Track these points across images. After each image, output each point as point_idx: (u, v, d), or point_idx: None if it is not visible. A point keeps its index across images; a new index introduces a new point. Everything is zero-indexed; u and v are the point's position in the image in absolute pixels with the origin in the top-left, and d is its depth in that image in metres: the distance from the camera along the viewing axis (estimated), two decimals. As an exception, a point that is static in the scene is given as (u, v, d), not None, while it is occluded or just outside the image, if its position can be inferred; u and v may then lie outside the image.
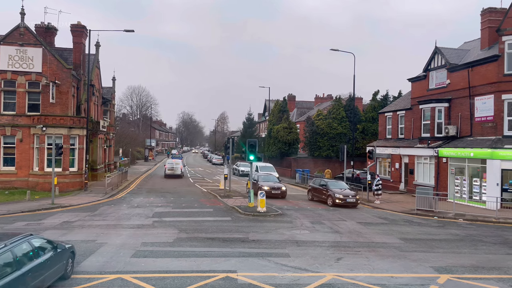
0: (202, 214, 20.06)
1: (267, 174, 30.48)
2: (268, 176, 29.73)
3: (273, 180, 28.95)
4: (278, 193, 26.88)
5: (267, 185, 27.05)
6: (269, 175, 30.37)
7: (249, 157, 21.65)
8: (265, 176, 29.48)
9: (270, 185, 27.32)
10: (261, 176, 28.99)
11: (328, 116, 45.77)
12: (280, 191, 27.15)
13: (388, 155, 33.89)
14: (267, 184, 27.45)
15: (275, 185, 27.77)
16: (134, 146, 73.38)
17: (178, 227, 16.57)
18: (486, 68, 24.75)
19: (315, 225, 17.95)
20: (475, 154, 24.24)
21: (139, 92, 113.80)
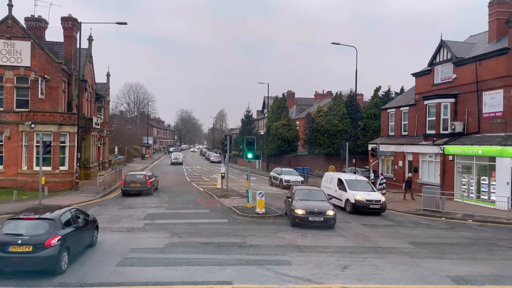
0: (197, 215, 18.95)
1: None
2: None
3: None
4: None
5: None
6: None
7: (247, 155, 20.54)
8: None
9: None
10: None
11: (328, 113, 44.65)
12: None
13: (391, 152, 32.81)
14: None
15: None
16: (131, 144, 72.20)
17: (171, 231, 15.46)
18: (495, 62, 23.64)
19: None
20: (483, 151, 23.16)
21: (136, 89, 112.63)
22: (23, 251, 9.92)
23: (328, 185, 23.86)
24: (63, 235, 10.65)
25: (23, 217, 10.91)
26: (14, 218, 10.98)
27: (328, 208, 16.52)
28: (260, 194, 19.25)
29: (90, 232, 12.84)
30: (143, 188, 25.69)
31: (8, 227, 10.47)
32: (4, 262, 9.94)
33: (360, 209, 20.04)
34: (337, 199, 21.96)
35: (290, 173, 33.39)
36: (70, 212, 11.92)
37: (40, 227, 10.51)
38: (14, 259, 9.88)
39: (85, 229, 12.29)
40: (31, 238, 10.14)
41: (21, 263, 9.94)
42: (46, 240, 10.16)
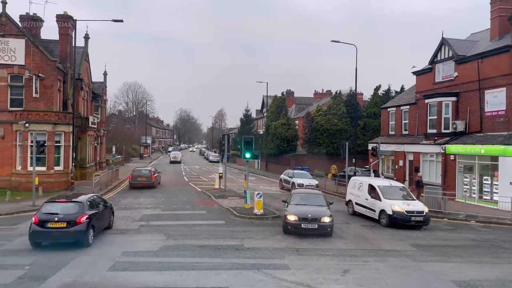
0: (194, 217, 18.50)
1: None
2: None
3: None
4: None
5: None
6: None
7: (245, 155, 20.08)
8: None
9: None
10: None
11: (328, 112, 44.21)
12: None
13: (392, 152, 32.39)
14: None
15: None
16: (129, 143, 71.73)
17: (166, 233, 15.02)
18: (498, 60, 23.21)
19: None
20: (486, 151, 22.74)
21: (135, 89, 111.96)
22: (59, 226, 12.57)
23: (355, 192, 20.13)
24: (89, 215, 13.21)
25: (58, 200, 13.63)
26: (50, 201, 13.64)
27: (323, 214, 14.83)
28: (258, 195, 18.82)
29: (108, 215, 15.52)
30: (149, 182, 29.29)
31: (45, 208, 13.06)
32: (43, 236, 12.57)
33: (399, 222, 16.70)
34: (368, 209, 18.58)
35: (303, 176, 30.12)
36: (93, 198, 14.55)
37: (71, 208, 13.14)
38: (52, 233, 12.52)
39: (105, 213, 14.98)
40: (65, 216, 12.75)
41: (57, 237, 12.59)
42: (77, 218, 12.78)
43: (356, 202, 19.75)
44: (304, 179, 29.08)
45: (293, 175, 30.14)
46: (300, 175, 30.25)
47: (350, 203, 20.54)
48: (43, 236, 12.59)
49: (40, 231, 12.51)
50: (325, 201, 16.25)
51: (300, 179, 28.80)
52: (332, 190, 29.96)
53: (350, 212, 20.31)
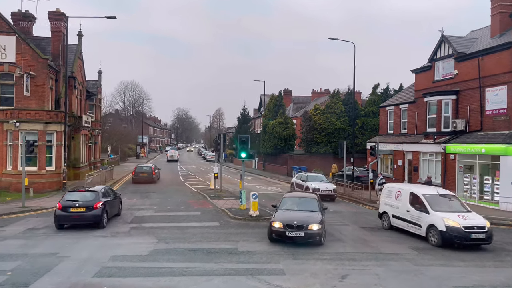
0: (188, 218, 17.97)
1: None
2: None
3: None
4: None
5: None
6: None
7: (240, 154, 19.57)
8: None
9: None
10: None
11: (326, 111, 43.73)
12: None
13: (390, 151, 31.90)
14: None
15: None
16: (125, 142, 71.16)
17: (158, 236, 14.48)
18: (499, 57, 22.73)
19: (314, 231, 15.89)
20: (487, 150, 22.27)
21: (132, 88, 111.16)
22: (79, 211, 15.28)
23: (392, 202, 16.43)
24: (104, 201, 15.96)
25: (77, 190, 16.74)
26: (70, 191, 16.84)
27: (312, 220, 13.33)
28: (254, 196, 18.29)
29: (118, 204, 18.20)
30: (150, 177, 32.83)
31: (67, 196, 15.91)
32: (66, 218, 15.28)
33: (455, 240, 13.35)
34: (411, 224, 15.08)
35: (317, 179, 26.74)
36: (106, 189, 17.56)
37: (89, 196, 15.90)
38: (73, 216, 15.28)
39: (115, 201, 17.76)
40: (84, 202, 15.47)
41: (77, 219, 15.33)
42: (94, 204, 15.49)
43: (393, 215, 16.19)
44: (320, 183, 25.84)
45: (306, 179, 26.64)
46: (314, 178, 26.84)
47: (385, 216, 16.83)
48: (66, 219, 15.33)
49: (63, 215, 15.23)
50: (318, 206, 14.72)
51: (315, 183, 25.46)
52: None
53: (385, 226, 16.63)
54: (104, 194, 16.65)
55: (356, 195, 26.95)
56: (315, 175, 27.98)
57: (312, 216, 13.81)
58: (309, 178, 26.69)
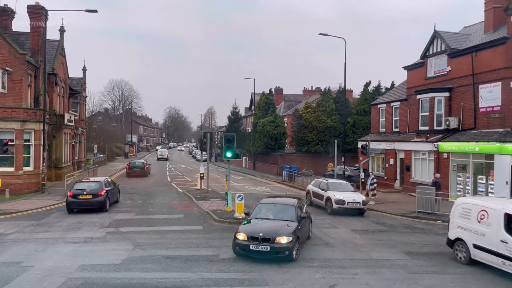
0: (169, 222, 17.01)
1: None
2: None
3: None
4: None
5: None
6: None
7: (225, 154, 18.65)
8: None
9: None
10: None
11: (316, 109, 42.94)
12: None
13: (382, 150, 31.19)
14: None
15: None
16: (114, 142, 69.91)
17: (135, 241, 13.53)
18: (493, 53, 22.08)
19: (302, 234, 15.04)
20: (480, 148, 21.61)
21: (121, 86, 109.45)
22: (86, 198, 18.65)
23: (471, 225, 11.71)
24: (106, 190, 19.40)
25: (84, 181, 20.50)
26: (79, 181, 20.50)
27: (282, 232, 11.41)
28: (239, 197, 17.38)
29: (116, 192, 21.76)
30: (142, 171, 36.93)
31: (77, 186, 19.39)
32: (75, 204, 18.64)
33: None
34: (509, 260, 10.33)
35: (342, 188, 21.08)
36: (108, 180, 21.22)
37: (94, 185, 19.40)
38: (82, 202, 18.63)
39: (115, 190, 21.37)
40: (91, 191, 18.91)
41: (85, 204, 18.63)
42: (99, 192, 18.95)
43: (475, 245, 11.35)
44: (345, 192, 20.38)
45: (327, 187, 20.96)
46: (337, 186, 21.28)
47: (460, 245, 11.99)
48: (75, 204, 18.69)
49: (74, 201, 18.67)
50: (296, 214, 12.70)
51: (339, 193, 20.11)
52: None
53: (461, 259, 11.86)
54: (106, 184, 20.14)
55: (347, 195, 26.12)
56: (338, 182, 22.32)
57: (283, 226, 11.88)
58: (330, 187, 20.91)
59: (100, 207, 18.84)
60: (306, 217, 13.71)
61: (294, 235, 11.56)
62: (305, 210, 14.19)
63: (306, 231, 13.50)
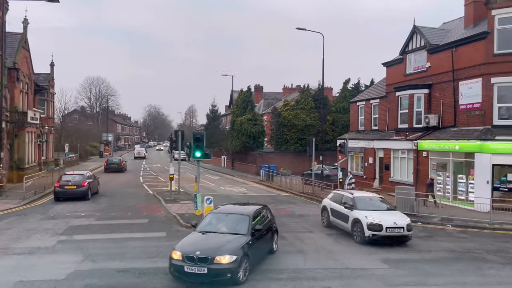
0: (131, 228, 15.66)
1: None
2: None
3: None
4: None
5: None
6: None
7: (194, 154, 17.37)
8: None
9: None
10: None
11: (295, 107, 42.04)
12: None
13: (361, 148, 30.41)
14: None
15: None
16: (88, 140, 67.60)
17: (87, 252, 12.15)
18: (473, 48, 21.43)
19: (274, 240, 13.92)
20: (461, 147, 20.95)
21: (98, 83, 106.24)
22: (72, 188, 21.71)
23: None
24: (88, 182, 22.41)
25: (69, 173, 23.62)
26: (64, 174, 23.75)
27: (224, 250, 9.46)
28: (208, 200, 16.19)
29: (97, 184, 24.74)
30: (119, 167, 40.58)
31: (63, 178, 22.53)
32: (62, 193, 21.71)
33: None
34: None
35: (373, 204, 14.93)
36: (90, 174, 24.33)
37: (78, 177, 22.41)
38: (68, 191, 21.67)
39: (95, 182, 24.40)
40: (75, 182, 21.95)
41: (71, 194, 21.66)
42: (82, 183, 22.03)
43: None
44: (379, 212, 14.21)
45: (354, 204, 14.66)
46: (367, 203, 14.94)
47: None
48: (62, 193, 21.75)
49: (61, 191, 21.74)
50: (248, 227, 10.63)
51: (372, 213, 13.92)
52: (297, 190, 27.75)
53: None
54: (88, 177, 23.37)
55: (325, 195, 25.15)
56: (368, 197, 15.68)
57: (228, 242, 9.85)
58: (358, 203, 14.62)
59: (83, 196, 21.84)
60: (265, 229, 11.54)
61: (242, 252, 9.58)
62: (267, 221, 12.16)
63: (265, 246, 11.57)
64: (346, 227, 14.78)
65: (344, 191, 17.22)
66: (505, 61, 19.82)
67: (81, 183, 21.87)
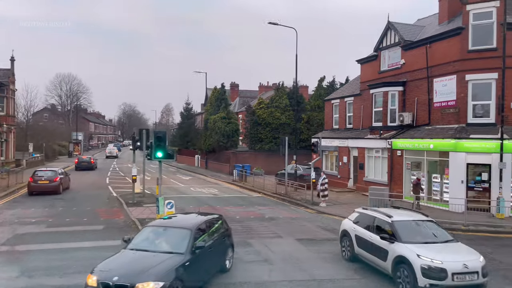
0: (84, 236, 14.31)
1: None
2: None
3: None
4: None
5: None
6: None
7: (155, 154, 16.02)
8: None
9: None
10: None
11: (270, 105, 41.06)
12: None
13: (335, 147, 29.71)
14: None
15: None
16: (59, 140, 65.03)
17: (25, 265, 10.78)
18: (447, 44, 20.91)
19: (238, 248, 12.83)
20: (435, 146, 20.41)
21: (69, 80, 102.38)
22: (44, 182, 23.59)
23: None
24: (60, 177, 24.50)
25: (43, 169, 25.61)
26: (38, 170, 25.27)
27: (148, 274, 7.78)
28: (169, 204, 15.00)
29: (68, 180, 26.91)
30: (89, 165, 41.98)
31: (37, 173, 24.24)
32: (36, 188, 23.56)
33: None
34: None
35: (425, 234, 10.32)
36: (61, 169, 26.54)
37: (50, 173, 24.49)
38: (41, 186, 23.51)
39: (66, 178, 26.47)
40: (48, 177, 23.93)
41: (44, 188, 23.49)
42: (54, 178, 24.04)
43: None
44: (437, 248, 9.63)
45: (395, 233, 10.02)
46: (415, 230, 10.38)
47: None
48: (36, 188, 23.50)
49: (34, 185, 23.47)
50: (188, 244, 8.85)
51: (427, 250, 9.34)
52: (270, 191, 26.81)
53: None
54: (60, 173, 25.25)
55: (298, 196, 24.40)
56: (415, 220, 10.81)
57: (157, 264, 8.10)
58: (402, 231, 10.05)
59: (55, 190, 23.70)
60: (214, 245, 9.78)
61: (173, 276, 7.88)
62: (219, 235, 10.34)
63: (213, 265, 9.79)
64: (383, 266, 10.00)
65: (375, 211, 11.62)
66: (479, 58, 19.37)
67: (53, 178, 23.89)
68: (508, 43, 18.16)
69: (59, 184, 23.93)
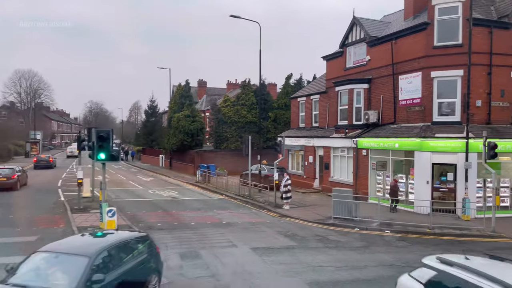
0: (10, 250, 12.50)
1: None
2: None
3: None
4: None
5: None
6: None
7: (98, 155, 14.43)
8: None
9: None
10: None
11: (236, 103, 39.81)
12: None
13: (301, 146, 28.77)
14: None
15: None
16: (15, 139, 61.44)
17: None
18: (413, 40, 20.25)
19: (185, 260, 11.51)
20: (400, 145, 19.71)
21: (29, 77, 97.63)
22: (2, 180, 24.61)
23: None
24: (17, 175, 25.59)
25: (1, 167, 26.38)
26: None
27: None
28: (110, 212, 13.43)
29: (25, 177, 28.09)
30: (48, 164, 43.04)
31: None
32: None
33: None
34: None
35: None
36: (18, 167, 27.36)
37: (8, 171, 25.51)
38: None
39: (24, 176, 27.64)
40: (5, 174, 24.92)
41: (1, 186, 24.36)
42: (12, 175, 25.17)
43: None
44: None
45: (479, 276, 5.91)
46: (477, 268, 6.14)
47: None
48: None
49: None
50: (82, 278, 6.70)
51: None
52: (233, 192, 25.55)
53: None
54: (18, 171, 26.13)
55: (261, 198, 23.26)
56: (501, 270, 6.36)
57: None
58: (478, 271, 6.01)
59: (12, 187, 24.76)
60: (124, 274, 7.64)
61: None
62: (138, 262, 8.24)
63: None
64: None
65: (467, 269, 6.21)
66: (445, 54, 18.80)
67: (11, 176, 24.94)
68: (474, 39, 17.64)
69: (16, 181, 25.25)
